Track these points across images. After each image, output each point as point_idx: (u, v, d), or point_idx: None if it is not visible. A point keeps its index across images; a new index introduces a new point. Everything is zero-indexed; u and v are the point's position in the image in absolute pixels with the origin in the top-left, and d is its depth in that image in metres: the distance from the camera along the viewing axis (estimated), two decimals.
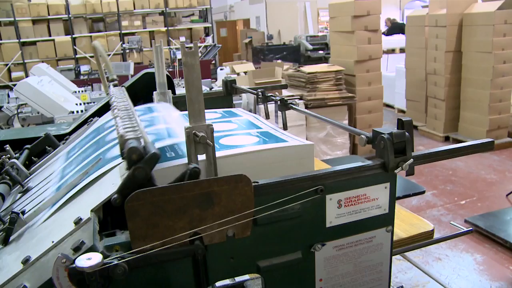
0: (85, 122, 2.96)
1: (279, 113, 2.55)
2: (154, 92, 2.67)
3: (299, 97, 7.40)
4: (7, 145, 2.76)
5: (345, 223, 1.58)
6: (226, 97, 3.20)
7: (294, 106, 2.46)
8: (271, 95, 2.67)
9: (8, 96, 13.18)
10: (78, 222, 1.37)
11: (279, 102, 2.53)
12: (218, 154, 1.68)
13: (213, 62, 15.07)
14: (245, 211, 1.35)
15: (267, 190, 1.41)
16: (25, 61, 14.40)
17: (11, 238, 1.70)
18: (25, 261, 1.38)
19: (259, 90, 2.74)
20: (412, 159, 1.59)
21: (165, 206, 1.25)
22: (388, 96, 10.42)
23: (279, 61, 12.14)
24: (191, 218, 1.29)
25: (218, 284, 1.51)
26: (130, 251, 1.24)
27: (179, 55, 14.29)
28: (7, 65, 14.21)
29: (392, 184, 1.63)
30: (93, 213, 1.39)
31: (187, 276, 1.36)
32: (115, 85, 3.04)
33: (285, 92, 7.38)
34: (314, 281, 1.58)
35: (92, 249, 1.23)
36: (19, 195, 2.26)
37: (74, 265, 1.17)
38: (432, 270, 4.47)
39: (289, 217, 1.45)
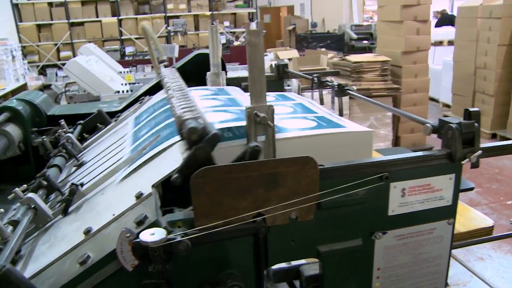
0: (136, 100, 2.97)
1: (336, 99, 2.49)
2: (208, 73, 2.65)
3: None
4: (62, 120, 2.81)
5: (407, 213, 1.52)
6: (278, 81, 3.17)
7: (351, 92, 2.41)
8: (327, 81, 2.61)
9: (56, 74, 13.55)
10: (139, 196, 1.37)
11: (336, 87, 2.47)
12: (277, 136, 1.65)
13: None
14: (310, 194, 1.32)
15: (332, 174, 1.37)
16: (73, 41, 14.69)
17: (70, 209, 1.72)
18: (87, 232, 1.39)
19: (315, 75, 2.69)
20: (480, 151, 1.52)
21: (230, 185, 1.23)
22: (433, 89, 10.15)
23: (323, 49, 12.00)
24: (255, 198, 1.26)
25: (272, 268, 1.48)
26: (193, 229, 1.22)
27: (223, 40, 14.33)
28: (56, 44, 14.52)
29: (458, 175, 1.57)
30: (154, 189, 1.39)
31: (247, 256, 1.34)
32: (165, 66, 3.04)
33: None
34: (372, 269, 1.54)
35: (155, 224, 1.23)
36: (74, 168, 2.30)
37: (138, 240, 1.16)
38: (474, 270, 4.34)
39: (352, 203, 1.41)
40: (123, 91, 7.15)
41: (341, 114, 2.43)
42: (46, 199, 1.90)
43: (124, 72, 8.95)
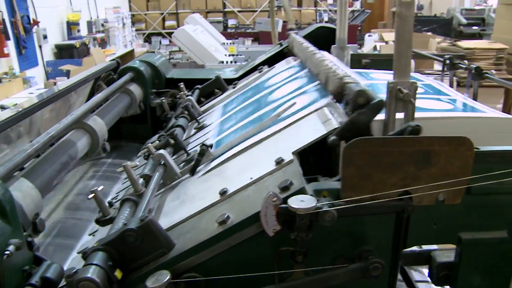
0: (253, 69, 2.97)
1: (472, 82, 2.34)
2: (333, 46, 2.59)
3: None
4: (182, 83, 2.87)
5: None
6: None
7: (491, 76, 2.25)
8: (460, 63, 2.46)
9: (160, 42, 14.02)
10: (279, 162, 1.35)
11: (473, 70, 2.32)
12: (416, 115, 1.57)
13: (359, 28, 14.63)
14: (461, 177, 1.23)
15: (487, 159, 1.27)
16: (178, 11, 15.05)
17: (198, 169, 1.75)
18: (223, 193, 1.39)
19: (446, 56, 2.54)
20: None
21: (382, 158, 1.18)
22: None
23: (428, 33, 11.46)
24: (405, 175, 1.20)
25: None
26: (338, 200, 1.19)
27: (325, 17, 14.11)
28: (162, 14, 14.97)
29: None
30: (295, 156, 1.37)
31: (386, 234, 1.28)
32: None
33: (436, 66, 6.94)
34: None
35: (300, 191, 1.20)
36: (194, 130, 2.34)
37: (285, 205, 1.14)
38: None
39: (504, 191, 1.31)
40: (226, 62, 7.25)
41: (475, 98, 2.29)
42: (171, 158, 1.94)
43: (227, 43, 9.07)
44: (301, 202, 1.12)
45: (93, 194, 1.63)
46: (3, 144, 1.98)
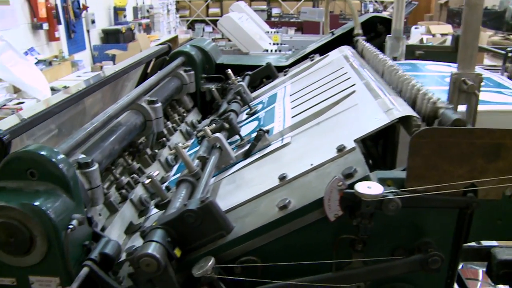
0: (304, 58, 2.95)
1: None
2: (388, 37, 2.54)
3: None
4: (229, 69, 2.87)
5: None
6: (453, 53, 2.96)
7: None
8: None
9: (203, 30, 14.10)
10: (341, 149, 1.34)
11: None
12: (480, 107, 1.53)
13: (405, 20, 14.38)
14: None
15: None
16: None
17: (252, 153, 1.75)
18: (282, 178, 1.39)
19: (509, 49, 2.46)
20: None
21: (450, 149, 1.15)
22: None
23: None
24: (473, 167, 1.17)
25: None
26: (403, 189, 1.17)
27: (371, 8, 13.90)
28: (206, 1, 15.02)
29: None
30: (357, 143, 1.35)
31: (448, 228, 1.25)
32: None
33: (485, 61, 6.75)
34: None
35: (365, 179, 1.19)
36: (246, 115, 2.34)
37: (350, 190, 1.13)
38: None
39: None
40: (271, 50, 7.24)
41: None
42: None
43: (271, 32, 9.04)
44: (368, 189, 1.11)
45: (149, 180, 1.65)
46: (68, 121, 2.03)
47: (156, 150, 2.21)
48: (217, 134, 1.76)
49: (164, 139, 2.31)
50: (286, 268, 1.23)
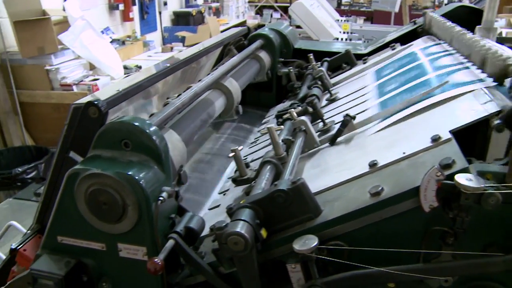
0: (385, 46, 2.89)
1: None
2: (478, 27, 2.44)
3: None
4: (311, 54, 2.86)
5: None
6: None
7: None
8: None
9: (271, 16, 14.07)
10: (436, 140, 1.30)
11: None
12: None
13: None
14: None
15: None
16: None
17: (338, 139, 1.74)
18: (373, 165, 1.37)
19: None
20: None
21: None
22: None
23: None
24: None
25: None
26: (505, 184, 1.12)
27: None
28: None
29: None
30: (452, 134, 1.31)
31: None
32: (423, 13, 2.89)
33: None
34: None
35: (464, 170, 1.15)
36: (325, 101, 2.32)
37: (449, 182, 1.10)
38: None
39: None
40: (341, 39, 7.13)
41: None
42: None
43: (341, 20, 8.90)
44: (468, 181, 1.08)
45: (233, 153, 1.67)
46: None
47: None
48: (304, 117, 1.76)
49: None
50: (372, 255, 1.22)
